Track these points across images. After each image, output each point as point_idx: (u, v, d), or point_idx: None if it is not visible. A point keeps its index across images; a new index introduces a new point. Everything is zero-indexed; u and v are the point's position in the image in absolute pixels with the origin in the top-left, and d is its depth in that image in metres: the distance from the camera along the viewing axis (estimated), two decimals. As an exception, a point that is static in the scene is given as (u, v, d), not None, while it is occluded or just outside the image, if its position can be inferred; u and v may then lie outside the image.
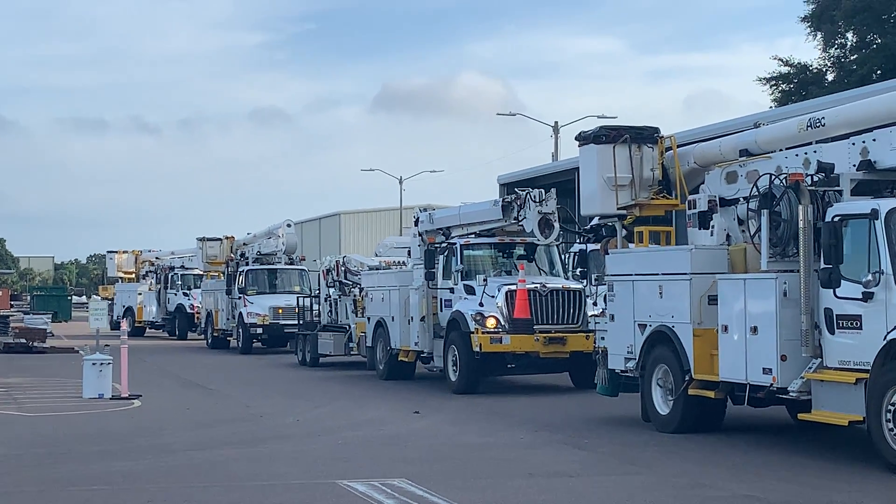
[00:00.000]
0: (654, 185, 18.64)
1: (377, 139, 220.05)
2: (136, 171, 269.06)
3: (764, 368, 14.88)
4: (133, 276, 56.48)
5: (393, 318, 26.39)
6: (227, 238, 44.41)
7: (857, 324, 13.84)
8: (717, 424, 16.80)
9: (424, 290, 24.93)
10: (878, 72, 46.53)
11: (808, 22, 51.68)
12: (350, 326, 31.11)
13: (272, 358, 36.50)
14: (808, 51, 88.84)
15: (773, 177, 15.21)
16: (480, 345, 22.65)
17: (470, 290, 23.71)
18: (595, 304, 23.46)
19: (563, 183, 32.81)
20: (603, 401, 21.40)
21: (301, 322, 34.67)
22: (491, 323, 22.83)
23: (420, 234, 26.15)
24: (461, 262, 24.37)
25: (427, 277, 24.73)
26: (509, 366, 23.47)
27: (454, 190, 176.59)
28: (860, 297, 13.65)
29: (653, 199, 18.61)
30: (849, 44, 51.36)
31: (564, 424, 18.26)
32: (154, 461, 14.96)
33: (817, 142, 15.91)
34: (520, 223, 23.21)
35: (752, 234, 15.83)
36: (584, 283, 23.71)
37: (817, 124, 15.96)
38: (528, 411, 20.22)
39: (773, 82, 52.25)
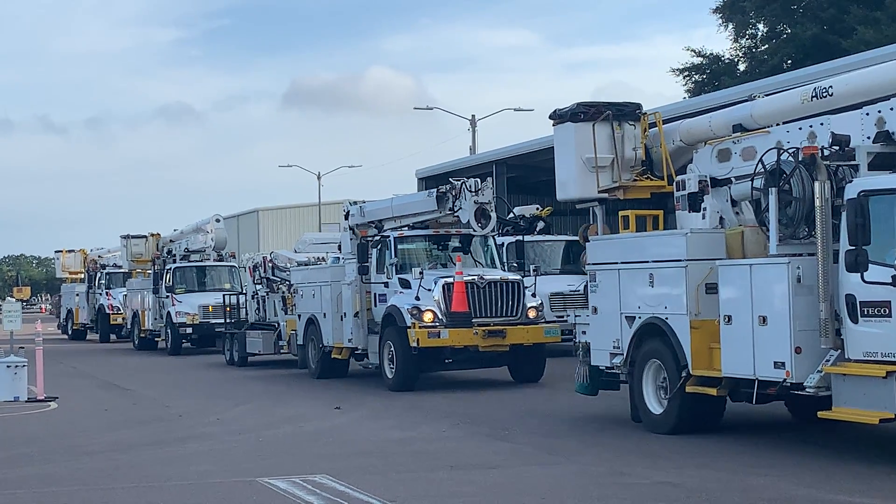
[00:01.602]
0: (637, 165, 17.27)
1: (293, 135, 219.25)
2: (45, 171, 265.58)
3: (775, 362, 13.53)
4: (81, 276, 54.44)
5: (325, 314, 25.77)
6: (152, 235, 43.23)
7: (885, 311, 12.49)
8: (715, 423, 15.53)
9: (357, 284, 24.23)
10: (789, 61, 47.26)
11: (719, 13, 52.39)
12: (279, 324, 30.61)
13: (201, 358, 35.80)
14: (720, 41, 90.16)
15: (782, 151, 13.94)
16: (418, 340, 21.96)
17: (405, 284, 23.04)
18: (534, 295, 23.35)
19: (482, 176, 32.88)
20: (531, 395, 21.44)
21: (228, 321, 34.02)
22: (428, 317, 22.15)
23: (351, 228, 25.49)
24: (395, 256, 23.73)
25: (360, 272, 24.01)
26: (447, 361, 22.91)
27: (373, 185, 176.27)
28: (889, 280, 12.38)
29: (636, 180, 17.16)
30: (759, 34, 52.19)
31: (487, 417, 18.23)
32: (70, 464, 14.73)
33: (823, 113, 14.63)
34: (455, 214, 22.74)
35: (758, 214, 14.60)
36: (522, 275, 23.40)
37: (824, 94, 14.64)
38: (452, 405, 20.12)
39: (686, 73, 52.88)
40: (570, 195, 17.81)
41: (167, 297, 38.74)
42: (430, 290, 22.43)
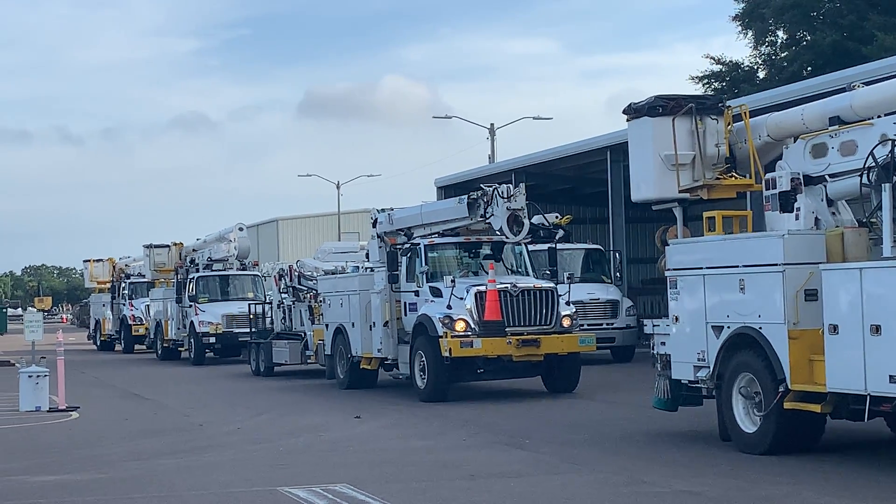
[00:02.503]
0: (720, 162, 16.01)
1: (310, 145, 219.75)
2: (63, 181, 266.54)
3: (891, 376, 12.31)
4: (109, 285, 53.57)
5: (353, 324, 25.21)
6: (175, 244, 43.15)
7: None
8: (815, 442, 14.29)
9: (387, 293, 23.78)
10: (809, 68, 47.10)
11: (738, 20, 52.26)
12: (306, 334, 30.25)
13: (225, 368, 35.57)
14: (740, 49, 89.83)
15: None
16: (450, 349, 21.48)
17: (436, 293, 22.58)
18: (568, 303, 22.92)
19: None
20: (560, 404, 21.28)
21: (253, 330, 33.76)
22: (460, 326, 21.68)
23: (379, 236, 24.99)
24: (426, 264, 23.25)
25: (390, 280, 23.57)
26: (479, 371, 22.47)
27: (392, 194, 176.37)
28: None
29: (719, 178, 15.91)
30: (779, 41, 52.04)
31: (506, 426, 18.17)
32: (91, 473, 14.76)
33: None
34: (487, 221, 22.13)
35: (860, 214, 13.65)
36: (555, 282, 22.99)
37: None
38: (474, 414, 20.02)
39: (706, 81, 52.74)
40: (646, 195, 16.54)
41: (190, 306, 38.60)
42: (462, 298, 21.98)
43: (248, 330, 34.74)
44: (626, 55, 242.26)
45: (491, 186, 22.12)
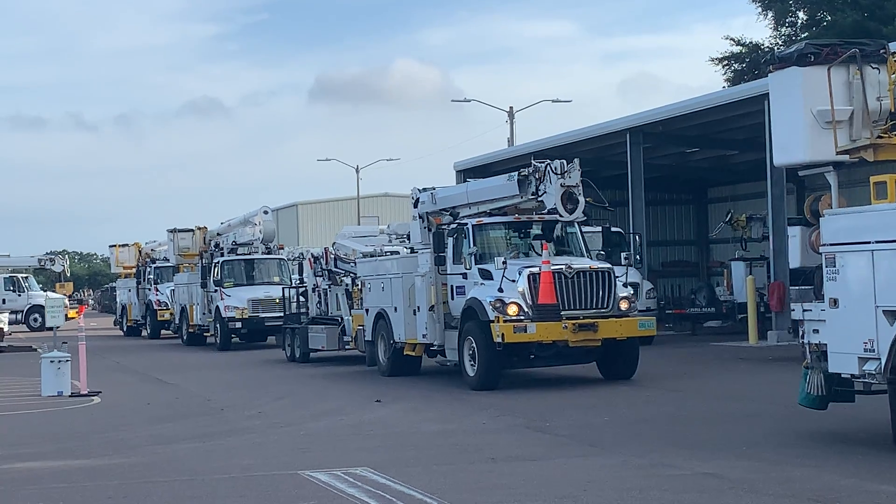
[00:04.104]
0: (883, 118, 13.99)
1: (327, 129, 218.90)
2: (81, 168, 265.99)
3: None
4: (135, 270, 52.89)
5: (396, 308, 24.02)
6: (199, 228, 42.85)
7: None
8: None
9: (433, 276, 22.66)
10: (830, 49, 46.86)
11: (759, 1, 52.06)
12: (342, 318, 29.41)
13: (252, 354, 35.06)
14: (760, 30, 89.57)
15: None
16: (502, 335, 20.28)
17: (486, 275, 21.42)
18: (625, 285, 22.01)
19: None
20: (572, 387, 21.16)
21: (286, 314, 33.17)
22: (513, 310, 20.51)
23: (421, 217, 23.86)
24: (474, 245, 22.08)
25: (437, 262, 22.41)
26: (531, 357, 21.47)
27: (411, 178, 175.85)
28: None
29: (881, 136, 13.74)
30: (799, 22, 51.81)
31: (527, 410, 18.13)
32: (114, 457, 14.86)
33: None
34: (539, 199, 21.08)
35: None
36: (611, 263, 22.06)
37: None
38: (492, 398, 19.92)
39: (726, 62, 52.54)
40: (797, 158, 14.52)
41: (215, 291, 38.28)
42: (513, 280, 20.85)
43: (273, 315, 34.36)
44: (645, 37, 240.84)
45: (543, 162, 21.04)
